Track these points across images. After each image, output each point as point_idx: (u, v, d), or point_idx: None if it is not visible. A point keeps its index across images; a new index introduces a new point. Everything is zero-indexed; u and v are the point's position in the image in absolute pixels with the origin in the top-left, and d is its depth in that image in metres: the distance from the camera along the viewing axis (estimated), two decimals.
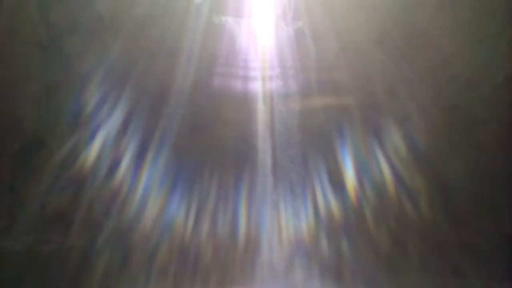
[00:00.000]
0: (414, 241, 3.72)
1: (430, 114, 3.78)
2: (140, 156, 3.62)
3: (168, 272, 3.57)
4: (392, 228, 3.76)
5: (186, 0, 3.70)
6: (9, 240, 3.61)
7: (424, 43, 3.78)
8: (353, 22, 3.74)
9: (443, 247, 3.69)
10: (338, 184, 3.75)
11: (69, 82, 3.64)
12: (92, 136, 3.61)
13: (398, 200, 3.77)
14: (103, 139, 3.62)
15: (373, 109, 3.80)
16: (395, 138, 3.78)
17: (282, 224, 3.76)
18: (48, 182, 3.60)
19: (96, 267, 3.56)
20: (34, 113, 3.62)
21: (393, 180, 3.80)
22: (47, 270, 3.58)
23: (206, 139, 3.75)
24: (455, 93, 3.78)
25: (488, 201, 3.60)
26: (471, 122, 3.72)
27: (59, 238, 3.63)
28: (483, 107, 3.70)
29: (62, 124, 3.62)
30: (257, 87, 3.87)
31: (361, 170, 3.82)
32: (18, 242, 3.62)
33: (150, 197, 3.64)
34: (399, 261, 3.71)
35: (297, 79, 3.93)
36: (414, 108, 3.80)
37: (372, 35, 3.76)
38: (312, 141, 3.80)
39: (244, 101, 3.86)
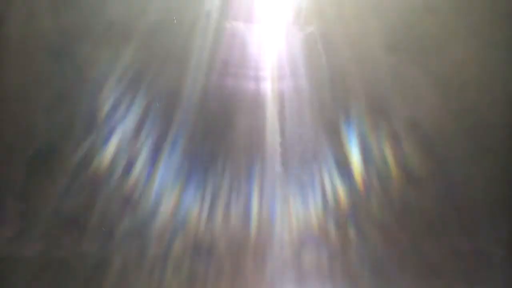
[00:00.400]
0: (423, 247, 3.73)
1: (442, 119, 3.78)
2: (152, 162, 3.64)
3: (182, 276, 3.61)
4: (400, 234, 3.76)
5: (197, 6, 3.71)
6: (22, 245, 3.64)
7: (436, 47, 3.77)
8: (364, 27, 3.74)
9: (454, 253, 3.69)
10: (349, 190, 3.77)
11: (81, 88, 3.67)
12: (105, 142, 3.64)
13: (407, 204, 3.78)
14: (115, 145, 3.65)
15: (384, 113, 3.80)
16: (406, 143, 3.79)
17: (292, 224, 3.78)
18: (61, 188, 3.63)
19: (109, 273, 3.60)
20: (46, 119, 3.65)
21: (402, 185, 3.81)
22: (59, 275, 3.61)
23: (218, 144, 3.77)
24: (467, 98, 3.76)
25: (502, 207, 3.60)
26: (483, 127, 3.71)
27: (71, 244, 3.66)
28: (495, 112, 3.70)
29: (74, 130, 3.65)
30: (268, 92, 3.88)
31: (371, 174, 3.83)
32: (31, 248, 3.65)
33: (162, 202, 3.67)
34: (410, 267, 3.72)
35: (309, 84, 3.94)
36: (425, 112, 3.79)
37: (384, 39, 3.75)
38: (323, 147, 3.81)
39: (256, 106, 3.87)
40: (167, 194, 3.64)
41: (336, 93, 3.90)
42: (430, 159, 3.73)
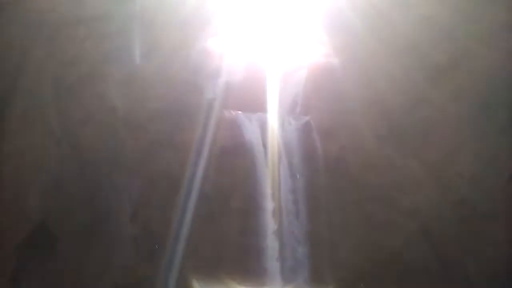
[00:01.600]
0: None
1: (439, 209, 3.79)
2: (150, 249, 3.62)
3: None
4: None
5: (198, 95, 3.84)
6: None
7: (431, 137, 3.86)
8: (361, 117, 3.85)
9: None
10: None
11: (80, 173, 3.71)
12: (103, 227, 3.62)
13: None
14: (113, 230, 3.62)
15: (381, 202, 3.83)
16: (404, 232, 3.78)
17: None
18: (53, 274, 3.58)
19: None
20: (42, 203, 3.66)
21: (400, 277, 3.76)
22: None
23: (215, 229, 3.78)
24: (462, 188, 3.78)
25: None
26: (479, 217, 3.70)
27: None
28: (491, 202, 3.70)
29: (70, 215, 3.64)
30: (265, 177, 3.95)
31: (363, 260, 3.81)
32: None
33: None
34: None
35: (304, 170, 4.02)
36: (422, 202, 3.81)
37: (380, 129, 3.86)
38: (317, 238, 3.82)
39: (253, 191, 3.92)
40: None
41: (331, 179, 3.95)
42: (428, 249, 3.71)
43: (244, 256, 3.72)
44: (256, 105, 3.99)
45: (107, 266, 3.67)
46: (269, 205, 3.95)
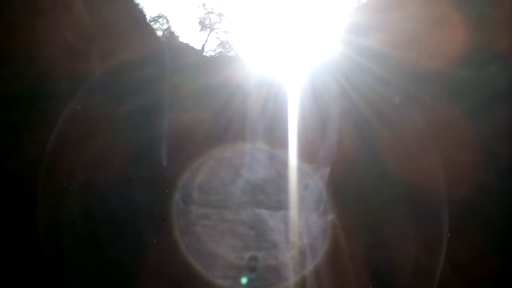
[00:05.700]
0: None
1: None
2: None
3: None
4: None
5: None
6: None
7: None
8: (384, 217, 3.87)
9: None
10: None
11: (102, 269, 3.70)
12: None
13: None
14: None
15: None
16: None
17: None
18: None
19: None
20: None
21: None
22: None
23: None
24: None
25: None
26: None
27: None
28: None
29: None
30: (290, 276, 3.93)
31: None
32: None
33: None
34: None
35: (329, 267, 3.99)
36: None
37: (404, 228, 3.85)
38: None
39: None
40: None
41: (356, 274, 3.90)
42: None
43: None
44: (281, 203, 4.06)
45: None
46: None
